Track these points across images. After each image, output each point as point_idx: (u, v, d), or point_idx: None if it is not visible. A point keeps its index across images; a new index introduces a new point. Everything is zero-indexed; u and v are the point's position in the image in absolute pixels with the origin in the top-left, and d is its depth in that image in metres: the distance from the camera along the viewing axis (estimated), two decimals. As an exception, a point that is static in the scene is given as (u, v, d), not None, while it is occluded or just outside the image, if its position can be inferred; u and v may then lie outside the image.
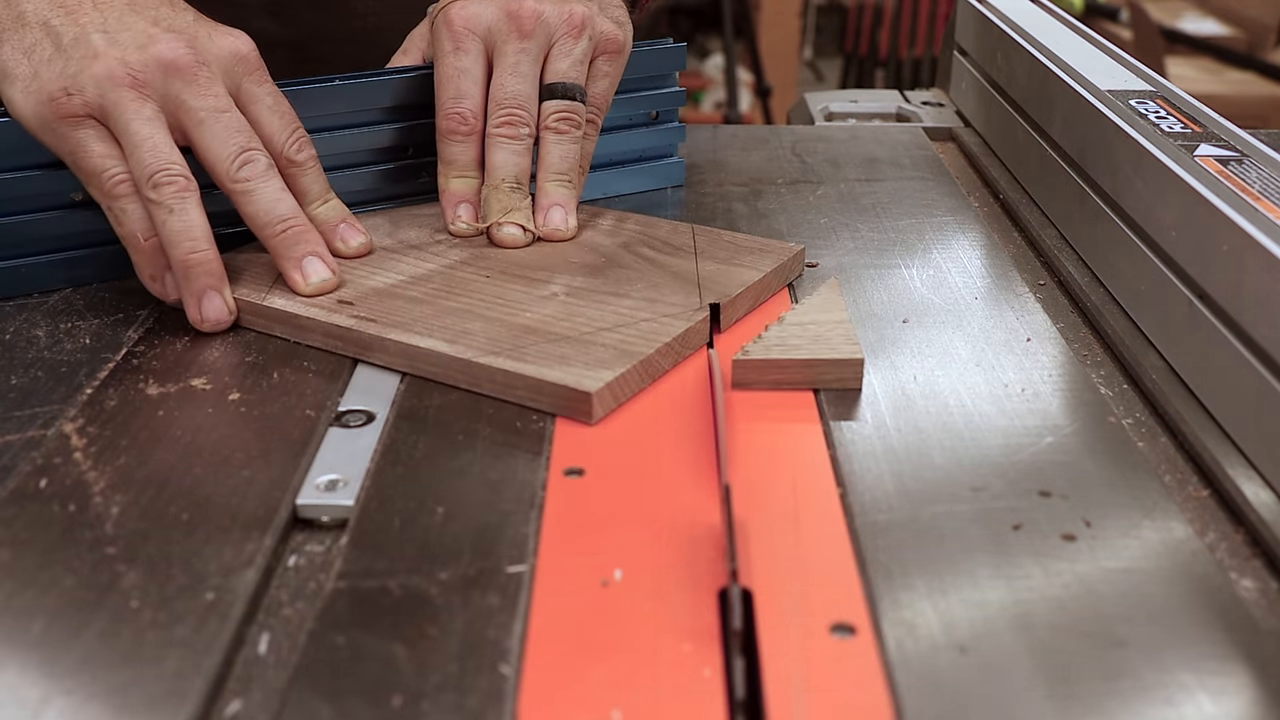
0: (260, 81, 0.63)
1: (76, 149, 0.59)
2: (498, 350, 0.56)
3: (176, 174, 0.58)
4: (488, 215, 0.68)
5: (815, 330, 0.58)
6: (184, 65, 0.59)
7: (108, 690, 0.38)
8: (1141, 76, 0.78)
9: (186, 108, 0.59)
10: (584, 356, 0.55)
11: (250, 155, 0.60)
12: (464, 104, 0.68)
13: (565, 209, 0.69)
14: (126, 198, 0.59)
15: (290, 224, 0.61)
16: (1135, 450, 0.52)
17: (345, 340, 0.58)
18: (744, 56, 3.36)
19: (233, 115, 0.61)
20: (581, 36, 0.69)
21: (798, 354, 0.56)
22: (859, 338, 0.61)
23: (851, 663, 0.39)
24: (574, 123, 0.70)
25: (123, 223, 0.59)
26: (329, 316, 0.59)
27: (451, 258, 0.66)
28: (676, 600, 0.42)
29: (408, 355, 0.57)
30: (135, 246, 0.60)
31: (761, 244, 0.69)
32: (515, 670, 0.39)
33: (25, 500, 0.48)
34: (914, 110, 1.04)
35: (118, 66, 0.58)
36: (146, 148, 0.58)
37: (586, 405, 0.53)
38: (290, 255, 0.61)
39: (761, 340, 0.57)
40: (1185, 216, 0.58)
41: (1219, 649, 0.40)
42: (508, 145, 0.68)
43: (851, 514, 0.47)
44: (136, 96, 0.58)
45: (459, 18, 0.69)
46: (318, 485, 0.48)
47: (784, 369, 0.56)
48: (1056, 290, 0.69)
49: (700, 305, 0.61)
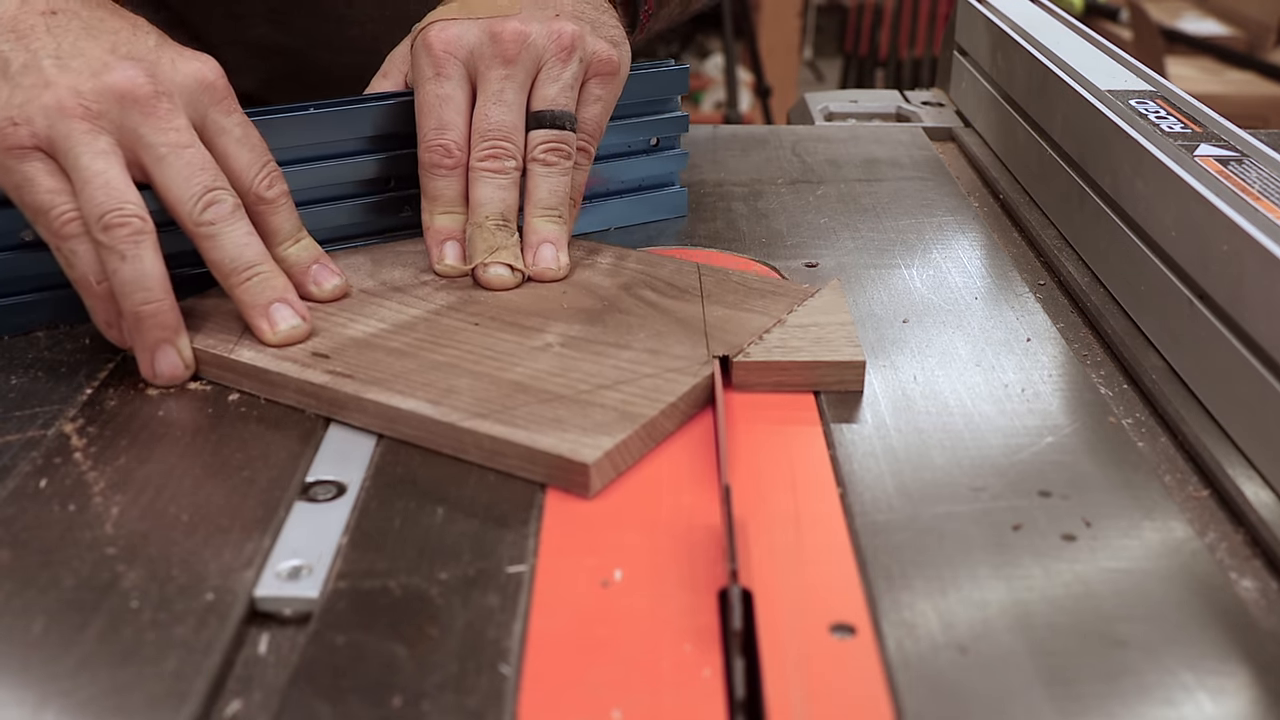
0: (228, 111, 0.58)
1: (22, 183, 0.54)
2: (485, 412, 0.51)
3: (130, 214, 0.53)
4: (473, 255, 0.63)
5: (817, 332, 0.58)
6: (142, 95, 0.55)
7: (108, 690, 0.38)
8: (1141, 76, 0.78)
9: (145, 143, 0.55)
10: (581, 420, 0.50)
11: (215, 195, 0.56)
12: (447, 135, 0.63)
13: (556, 246, 0.64)
14: (77, 238, 0.54)
15: (256, 271, 0.57)
16: (1135, 450, 0.52)
17: (319, 399, 0.54)
18: (744, 56, 3.36)
19: (195, 151, 0.56)
20: (571, 59, 0.64)
21: (799, 356, 0.56)
22: (859, 338, 0.61)
23: (851, 663, 0.39)
24: (563, 153, 0.65)
25: (74, 265, 0.54)
26: (301, 372, 0.54)
27: (437, 302, 0.61)
28: (676, 600, 0.42)
29: (387, 417, 0.52)
30: (88, 291, 0.55)
31: (773, 286, 0.64)
32: (515, 670, 0.39)
33: (25, 500, 0.48)
34: (914, 110, 1.04)
35: (68, 96, 0.54)
36: (97, 184, 0.53)
37: (583, 477, 0.48)
38: (256, 303, 0.57)
39: (763, 342, 0.57)
40: (1185, 216, 0.58)
41: (1219, 649, 0.40)
42: (492, 180, 0.63)
43: (851, 514, 0.47)
44: (89, 129, 0.54)
45: (439, 41, 0.64)
46: (280, 572, 0.44)
47: (785, 371, 0.56)
48: (1056, 290, 0.69)
49: (708, 358, 0.56)
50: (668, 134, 0.76)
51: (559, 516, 0.47)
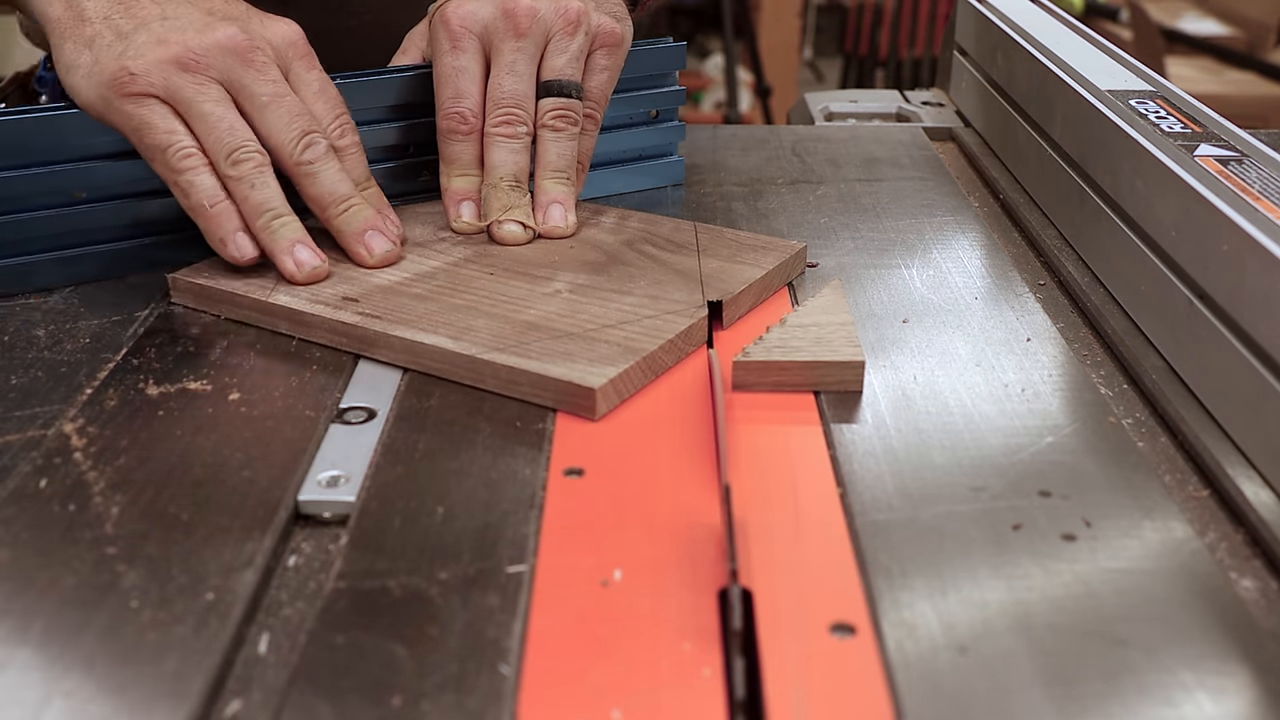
0: (310, 67, 0.65)
1: (141, 126, 0.61)
2: (502, 347, 0.56)
3: (253, 150, 0.62)
4: (488, 213, 0.69)
5: (817, 332, 0.58)
6: (243, 49, 0.62)
7: (108, 690, 0.38)
8: (1141, 76, 0.78)
9: (248, 92, 0.62)
10: (588, 353, 0.55)
11: (312, 138, 0.63)
12: (463, 103, 0.69)
13: (564, 206, 0.70)
14: (193, 170, 0.61)
15: (351, 203, 0.64)
16: (1135, 450, 0.52)
17: (349, 337, 0.59)
18: (744, 56, 3.36)
19: (293, 99, 0.63)
20: (577, 32, 0.70)
21: (799, 356, 0.56)
22: (859, 338, 0.61)
23: (851, 663, 0.39)
24: (571, 120, 0.70)
25: (189, 194, 0.62)
26: (333, 313, 0.59)
27: (455, 255, 0.67)
28: (676, 600, 0.42)
29: (412, 351, 0.57)
30: (202, 214, 0.62)
31: (764, 241, 0.69)
32: (515, 670, 0.39)
33: (25, 500, 0.48)
34: (914, 110, 1.04)
35: (181, 50, 0.61)
36: (223, 127, 0.61)
37: (590, 401, 0.53)
38: (353, 231, 0.64)
39: (763, 342, 0.57)
40: (1185, 216, 0.58)
41: (1219, 649, 0.40)
42: (506, 144, 0.69)
43: (851, 514, 0.47)
44: (202, 80, 0.61)
45: (455, 16, 0.69)
46: (319, 481, 0.49)
47: (785, 371, 0.56)
48: (1056, 290, 0.69)
49: (703, 302, 0.61)
50: (666, 106, 0.82)
51: (559, 516, 0.47)
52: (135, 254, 0.68)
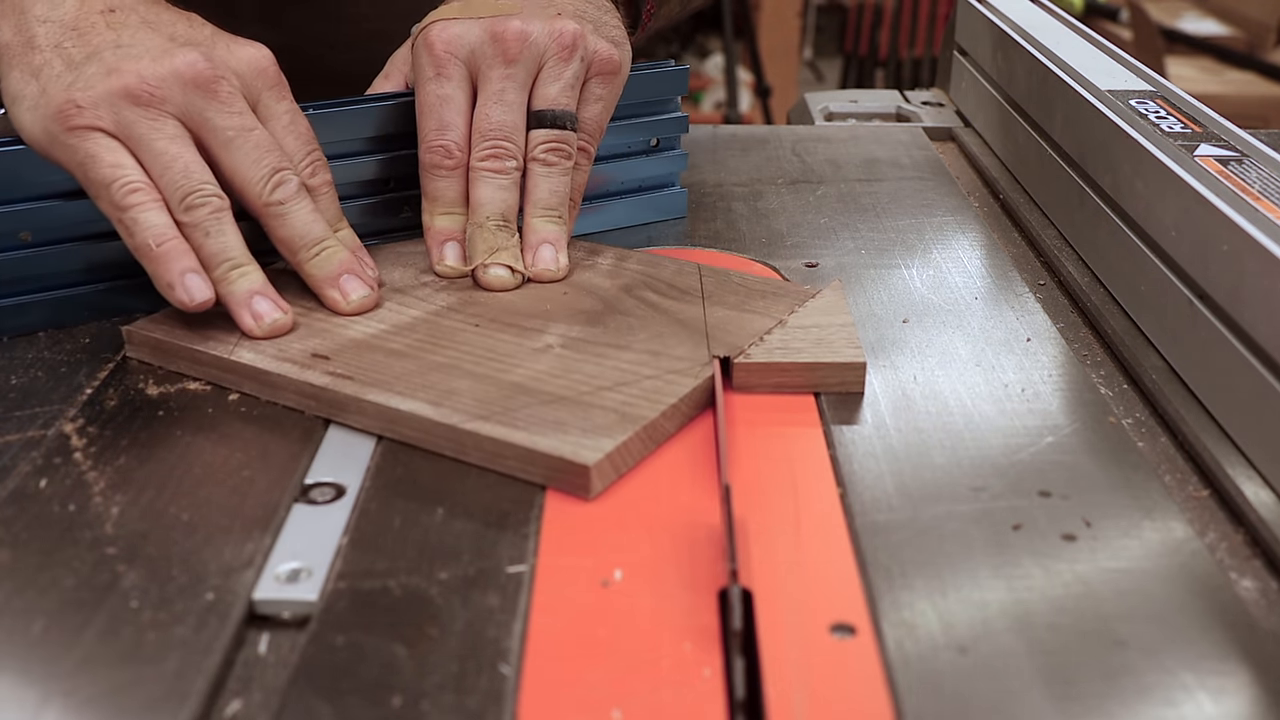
0: (280, 97, 0.60)
1: (85, 160, 0.55)
2: (486, 414, 0.51)
3: (210, 193, 0.56)
4: (473, 256, 0.63)
5: (818, 333, 0.58)
6: (205, 79, 0.57)
7: (108, 690, 0.38)
8: (1141, 76, 0.78)
9: (211, 126, 0.57)
10: (581, 421, 0.50)
11: (283, 176, 0.58)
12: (448, 135, 0.64)
13: (555, 247, 0.64)
14: (139, 206, 0.55)
15: (325, 245, 0.60)
16: (1135, 450, 0.52)
17: (318, 400, 0.54)
18: (744, 56, 3.36)
19: (261, 133, 0.58)
20: (572, 58, 0.64)
21: (799, 357, 0.56)
22: (859, 339, 0.61)
23: (851, 663, 0.39)
24: (564, 153, 0.65)
25: (134, 233, 0.56)
26: (302, 374, 0.54)
27: (437, 303, 0.61)
28: (676, 600, 0.42)
29: (387, 418, 0.52)
30: (148, 255, 0.56)
31: (774, 287, 0.64)
32: (515, 670, 0.39)
33: (25, 500, 0.48)
34: (914, 110, 1.04)
35: (133, 80, 0.56)
36: (178, 168, 0.56)
37: (584, 479, 0.48)
38: (326, 276, 0.59)
39: (764, 343, 0.57)
40: (1185, 216, 0.58)
41: (1219, 649, 0.40)
42: (493, 180, 0.63)
43: (851, 514, 0.47)
44: (156, 114, 0.56)
45: (440, 40, 0.64)
46: (279, 575, 0.44)
47: (785, 372, 0.56)
48: (1056, 290, 0.69)
49: (708, 359, 0.56)
50: (668, 134, 0.76)
51: (559, 516, 0.47)
52: (90, 300, 0.62)
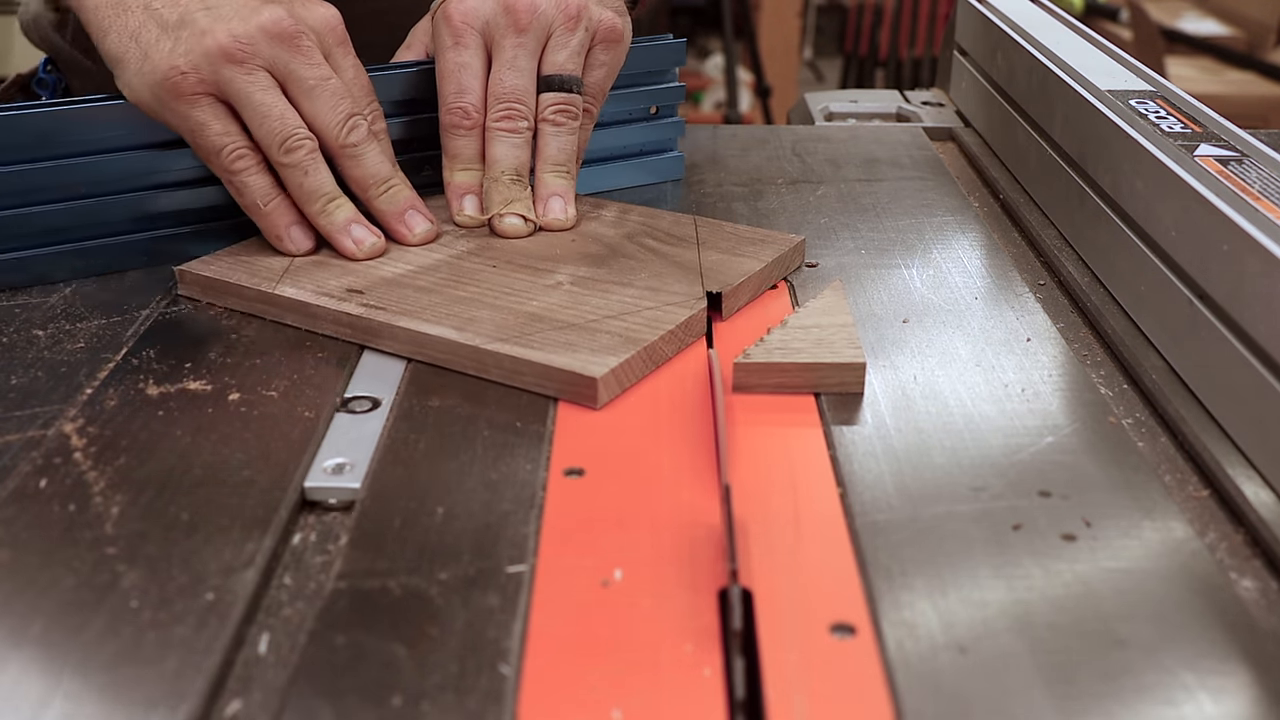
0: (346, 53, 0.67)
1: (195, 127, 0.63)
2: (505, 337, 0.57)
3: (304, 137, 0.64)
4: (489, 207, 0.70)
5: (818, 334, 0.58)
6: (289, 33, 0.63)
7: (108, 690, 0.38)
8: (1141, 76, 0.78)
9: (295, 76, 0.64)
10: (590, 343, 0.56)
11: (356, 121, 0.65)
12: (466, 98, 0.70)
13: (564, 199, 0.71)
14: (247, 171, 0.64)
15: (392, 183, 0.67)
16: (1135, 450, 0.52)
17: (354, 328, 0.60)
18: (744, 56, 3.36)
19: (336, 83, 0.65)
20: (578, 28, 0.71)
21: (799, 358, 0.56)
22: (859, 338, 0.61)
23: (851, 663, 0.39)
24: (571, 114, 0.71)
25: (244, 193, 0.64)
26: (339, 305, 0.60)
27: (458, 248, 0.68)
28: (676, 600, 0.42)
29: (416, 342, 0.58)
30: (257, 213, 0.65)
31: (763, 235, 0.70)
32: (515, 670, 0.39)
33: (25, 500, 0.48)
34: (914, 110, 1.04)
35: (227, 40, 0.62)
36: (274, 115, 0.63)
37: (592, 390, 0.54)
38: (394, 211, 0.67)
39: (764, 343, 0.57)
40: (1185, 216, 0.58)
41: (1219, 649, 0.40)
42: (507, 139, 0.70)
43: (851, 514, 0.47)
44: (250, 69, 0.62)
45: (458, 13, 0.70)
46: (325, 469, 0.49)
47: (785, 372, 0.56)
48: (1056, 290, 0.69)
49: (702, 294, 0.62)
50: (666, 102, 0.83)
51: (559, 516, 0.47)
52: (143, 247, 0.68)
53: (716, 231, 0.70)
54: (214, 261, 0.66)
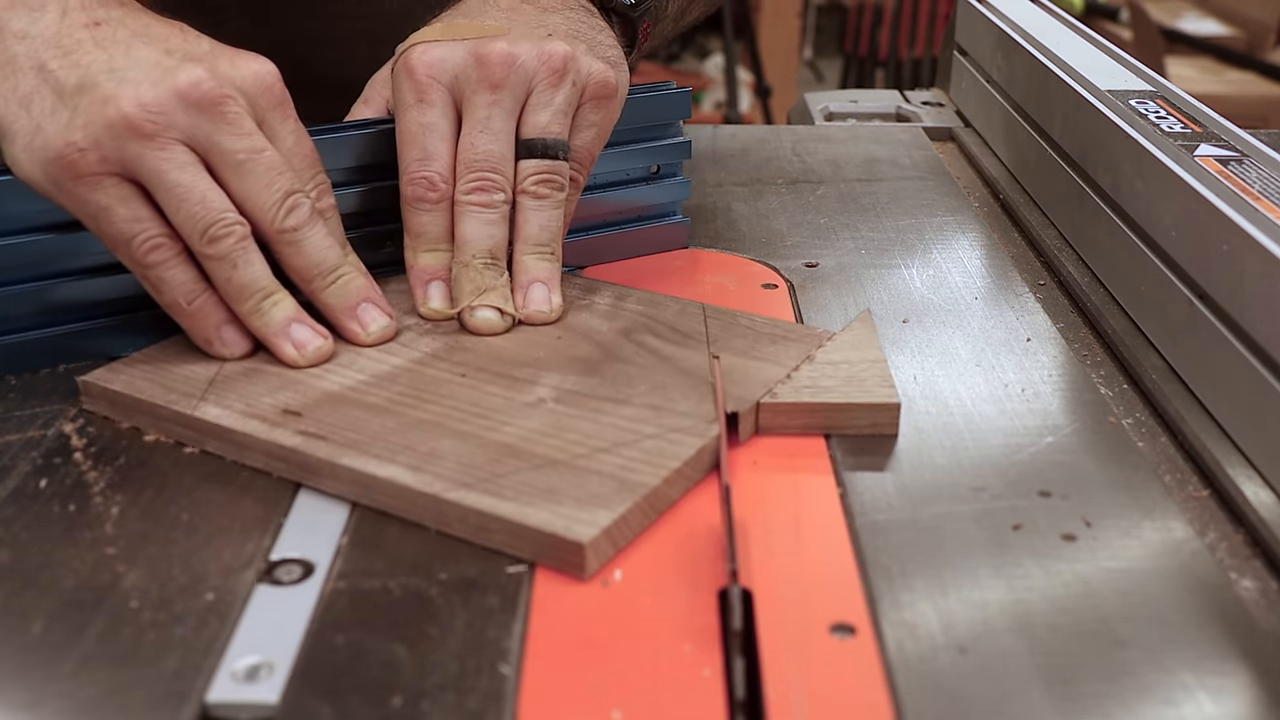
0: (285, 116, 0.55)
1: (98, 215, 0.52)
2: (471, 481, 0.46)
3: (232, 223, 0.52)
4: (459, 297, 0.58)
5: (848, 370, 0.54)
6: (211, 98, 0.52)
7: (108, 691, 0.38)
8: (1141, 76, 0.78)
9: (220, 149, 0.53)
10: (576, 489, 0.46)
11: (296, 200, 0.54)
12: (431, 166, 0.58)
13: (548, 286, 0.59)
14: (164, 264, 0.53)
15: (341, 272, 0.56)
16: (1135, 450, 0.52)
17: (289, 462, 0.49)
18: (744, 56, 3.36)
19: (272, 154, 0.54)
20: (563, 82, 0.59)
21: (829, 397, 0.52)
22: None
23: (851, 663, 0.39)
24: (555, 185, 0.60)
25: (162, 291, 0.53)
26: (271, 433, 0.49)
27: (420, 349, 0.56)
28: (676, 600, 0.42)
29: (362, 484, 0.47)
30: (180, 312, 0.54)
31: (784, 329, 0.58)
32: (515, 670, 0.39)
33: (25, 500, 0.48)
34: (914, 110, 1.04)
35: (134, 109, 0.51)
36: (194, 199, 0.52)
37: (578, 558, 0.43)
38: (344, 305, 0.56)
39: (791, 381, 0.53)
40: (1185, 216, 0.58)
41: (1219, 649, 0.40)
42: (479, 215, 0.58)
43: (851, 514, 0.47)
44: (163, 143, 0.51)
45: (421, 64, 0.59)
46: (235, 672, 0.39)
47: (815, 413, 0.52)
48: (1056, 290, 0.69)
49: (714, 415, 0.51)
50: (669, 161, 0.70)
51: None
52: (48, 345, 0.57)
53: (730, 326, 0.59)
54: (125, 370, 0.54)
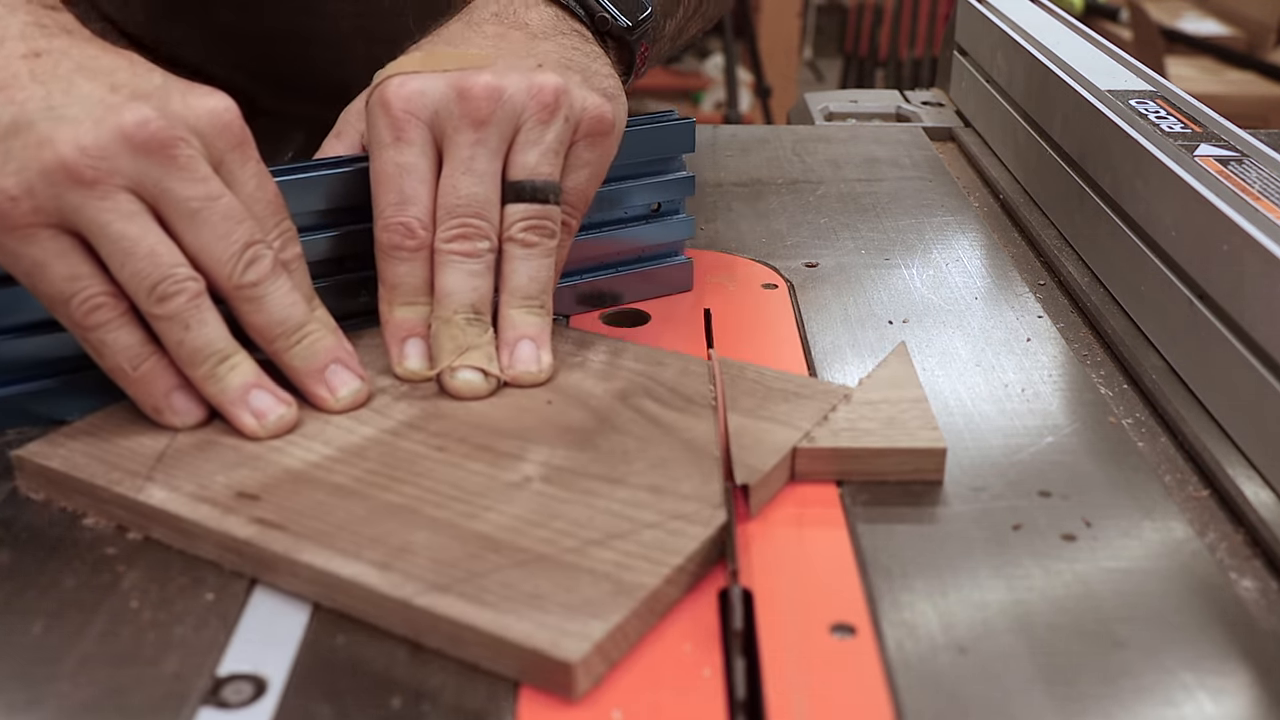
0: (245, 158, 0.50)
1: (32, 270, 0.47)
2: (446, 582, 0.41)
3: (183, 279, 0.47)
4: (439, 356, 0.53)
5: (888, 411, 0.50)
6: (159, 140, 0.47)
7: (108, 691, 0.38)
8: (1141, 76, 0.78)
9: (172, 197, 0.47)
10: (564, 594, 0.40)
11: (257, 251, 0.49)
12: (409, 211, 0.53)
13: (537, 343, 0.54)
14: (106, 325, 0.47)
15: (307, 330, 0.51)
16: (1135, 450, 0.52)
17: (242, 555, 0.44)
18: (744, 56, 3.36)
19: (229, 201, 0.49)
20: (554, 118, 0.54)
21: (870, 441, 0.49)
22: (857, 338, 0.61)
23: (851, 663, 0.39)
24: (546, 231, 0.54)
25: (104, 355, 0.48)
26: (222, 521, 0.44)
27: (394, 417, 0.51)
28: (676, 600, 0.42)
29: (324, 584, 0.42)
30: (125, 378, 0.49)
31: (797, 385, 0.53)
32: (515, 670, 0.39)
33: (25, 500, 0.48)
34: (914, 110, 1.04)
35: (72, 153, 0.46)
36: (140, 253, 0.47)
37: (566, 678, 0.38)
38: (311, 369, 0.51)
39: (828, 423, 0.50)
40: (1185, 216, 0.58)
41: (1219, 649, 0.40)
42: (461, 265, 0.53)
43: (851, 514, 0.47)
44: (104, 190, 0.46)
45: (398, 99, 0.53)
46: None
47: (855, 458, 0.48)
48: (1056, 290, 0.69)
49: (721, 499, 0.46)
50: (670, 197, 0.65)
51: None
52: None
53: (737, 380, 0.53)
54: (65, 443, 0.49)
